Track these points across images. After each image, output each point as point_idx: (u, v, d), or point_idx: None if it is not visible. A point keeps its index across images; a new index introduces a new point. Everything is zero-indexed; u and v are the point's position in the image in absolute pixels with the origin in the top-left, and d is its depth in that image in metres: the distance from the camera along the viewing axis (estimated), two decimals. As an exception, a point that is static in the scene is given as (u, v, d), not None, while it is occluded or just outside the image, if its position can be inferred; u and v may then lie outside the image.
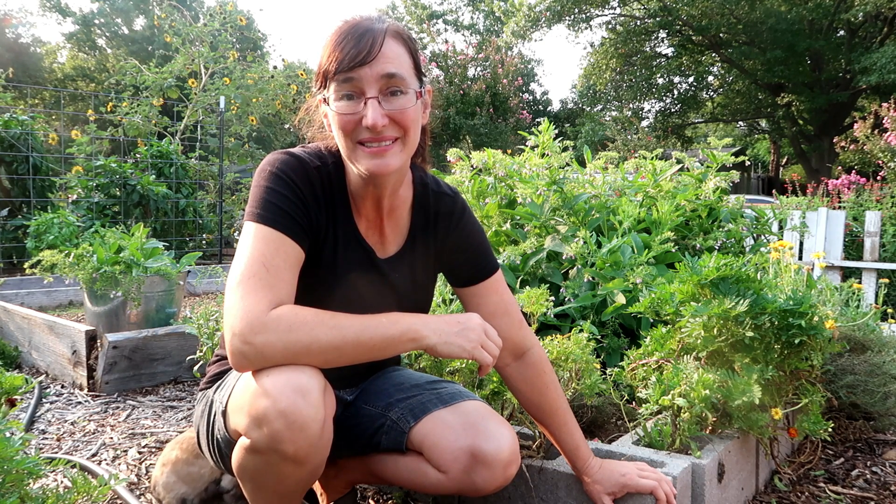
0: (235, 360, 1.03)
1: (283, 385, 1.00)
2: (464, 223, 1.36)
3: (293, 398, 0.99)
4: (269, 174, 1.16)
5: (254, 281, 1.05)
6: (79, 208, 5.96)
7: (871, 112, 8.25)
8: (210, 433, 1.24)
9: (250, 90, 8.63)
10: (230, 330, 1.03)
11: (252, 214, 1.13)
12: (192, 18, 9.50)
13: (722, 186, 2.80)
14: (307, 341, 1.02)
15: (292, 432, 1.00)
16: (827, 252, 4.79)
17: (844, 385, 1.96)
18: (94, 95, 9.46)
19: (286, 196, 1.14)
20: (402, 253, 1.31)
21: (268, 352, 1.01)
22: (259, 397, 1.00)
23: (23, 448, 0.97)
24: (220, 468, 1.30)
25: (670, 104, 24.98)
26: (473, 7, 32.08)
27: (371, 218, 1.27)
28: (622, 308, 2.10)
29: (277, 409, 0.99)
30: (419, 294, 1.36)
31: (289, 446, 1.01)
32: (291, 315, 1.03)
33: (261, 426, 1.00)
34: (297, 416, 0.99)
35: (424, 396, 1.31)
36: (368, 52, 1.09)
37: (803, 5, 18.99)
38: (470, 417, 1.24)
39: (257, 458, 1.05)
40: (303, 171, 1.18)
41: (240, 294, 1.04)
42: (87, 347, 2.59)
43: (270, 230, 1.11)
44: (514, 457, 1.22)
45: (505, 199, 2.90)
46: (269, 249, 1.09)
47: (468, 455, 1.20)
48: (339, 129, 1.14)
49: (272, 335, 1.01)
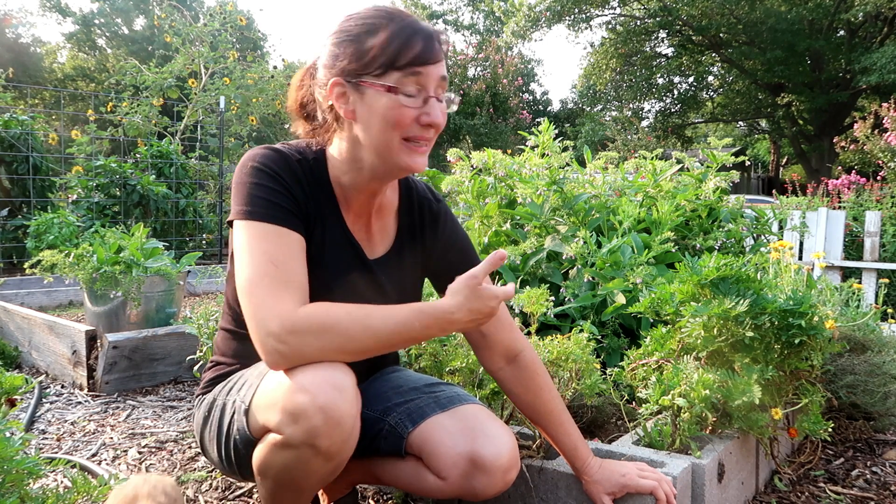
0: (272, 358, 1.04)
1: (322, 381, 1.01)
2: (449, 226, 1.37)
3: (332, 394, 1.01)
4: (251, 169, 1.15)
5: (268, 280, 1.06)
6: (79, 208, 5.96)
7: (871, 112, 8.25)
8: (223, 435, 1.22)
9: (250, 90, 8.63)
10: (263, 331, 1.03)
11: (242, 213, 1.12)
12: (192, 18, 9.50)
13: (722, 186, 2.80)
14: (341, 343, 1.04)
15: (329, 427, 1.01)
16: (827, 252, 4.79)
17: (844, 385, 1.96)
18: (94, 95, 9.46)
19: (272, 188, 1.13)
20: (389, 256, 1.31)
21: (306, 351, 1.02)
22: (296, 393, 1.01)
23: (23, 448, 0.97)
24: (227, 470, 1.28)
25: (670, 104, 24.98)
26: (473, 7, 32.09)
27: (359, 213, 1.26)
28: (622, 308, 2.10)
29: (317, 405, 1.00)
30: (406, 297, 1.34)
31: (324, 441, 1.02)
32: (324, 315, 1.04)
33: (297, 421, 1.01)
34: (335, 412, 1.01)
35: (422, 401, 1.30)
36: (437, 51, 1.12)
37: (803, 5, 18.99)
38: (468, 422, 1.23)
39: (287, 454, 1.05)
40: (284, 162, 1.17)
41: (260, 296, 1.05)
42: (87, 347, 2.59)
43: (266, 225, 1.11)
44: (514, 461, 1.22)
45: (505, 199, 2.90)
46: (272, 245, 1.09)
47: (467, 461, 1.19)
48: (389, 121, 1.11)
49: (308, 336, 1.02)
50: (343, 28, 1.16)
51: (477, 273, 1.07)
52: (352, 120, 1.15)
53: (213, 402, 1.28)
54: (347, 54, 1.13)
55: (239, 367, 1.29)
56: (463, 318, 1.06)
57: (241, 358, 1.29)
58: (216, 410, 1.25)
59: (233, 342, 1.32)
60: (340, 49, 1.14)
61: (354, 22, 1.15)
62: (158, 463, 1.89)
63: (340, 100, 1.14)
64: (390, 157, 1.14)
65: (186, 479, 1.76)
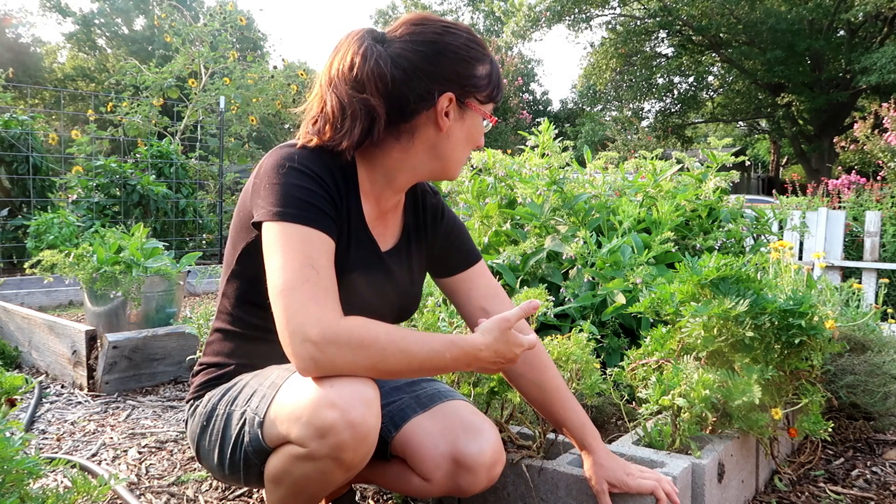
0: (304, 365, 1.02)
1: (351, 396, 1.01)
2: (447, 214, 1.43)
3: (361, 409, 1.01)
4: (289, 169, 1.12)
5: (309, 286, 1.04)
6: (79, 208, 5.96)
7: (871, 112, 8.25)
8: (229, 444, 1.19)
9: (250, 90, 8.63)
10: (300, 336, 1.01)
11: (278, 214, 1.08)
12: (192, 18, 9.50)
13: (722, 186, 2.80)
14: (375, 362, 1.03)
15: (356, 442, 1.02)
16: (827, 252, 4.79)
17: (844, 385, 1.96)
18: (94, 95, 9.46)
19: (313, 190, 1.11)
20: (399, 247, 1.32)
21: (339, 363, 1.02)
22: (326, 408, 1.00)
23: (23, 448, 0.97)
24: (227, 478, 1.25)
25: (670, 104, 24.98)
26: (473, 7, 32.09)
27: (381, 210, 1.28)
28: (622, 308, 2.10)
29: (346, 420, 1.00)
30: (416, 287, 1.37)
31: (349, 454, 1.02)
32: (364, 331, 1.03)
33: (325, 436, 1.01)
34: (363, 427, 1.01)
35: (404, 401, 1.30)
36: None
37: (803, 5, 18.99)
38: (449, 420, 1.23)
39: (308, 466, 1.05)
40: (320, 162, 1.16)
41: (301, 300, 1.02)
42: (87, 347, 2.59)
43: (306, 228, 1.08)
44: (497, 457, 1.21)
45: (505, 199, 2.90)
46: (313, 249, 1.07)
47: (449, 461, 1.19)
48: (472, 141, 1.24)
49: (345, 349, 1.01)
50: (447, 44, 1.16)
51: (509, 317, 1.11)
52: (439, 132, 1.19)
53: (212, 411, 1.24)
54: (458, 73, 1.17)
55: (234, 368, 1.27)
56: (488, 357, 1.09)
57: (241, 359, 1.27)
58: (217, 420, 1.22)
59: (230, 343, 1.29)
60: (447, 66, 1.15)
61: (456, 41, 1.17)
62: (158, 463, 1.89)
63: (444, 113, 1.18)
64: (456, 168, 1.25)
65: (186, 479, 1.76)
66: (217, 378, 1.28)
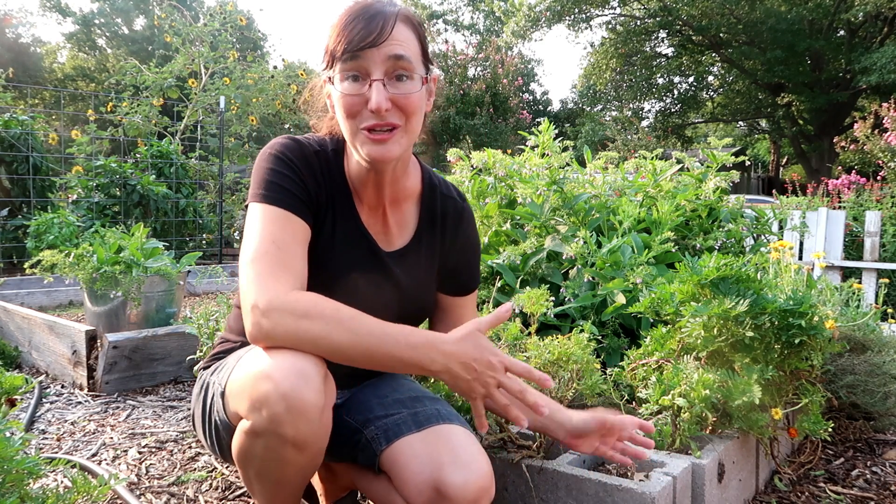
0: (254, 330, 1.05)
1: (287, 369, 1.00)
2: (468, 228, 1.38)
3: (295, 382, 0.99)
4: (269, 156, 1.19)
5: (267, 258, 1.08)
6: (79, 208, 5.96)
7: (871, 112, 8.25)
8: (207, 417, 1.23)
9: (250, 90, 8.63)
10: (251, 302, 1.05)
11: (256, 196, 1.16)
12: (192, 18, 9.50)
13: (722, 186, 2.80)
14: (318, 334, 1.02)
15: (292, 415, 0.99)
16: (827, 252, 4.79)
17: (844, 385, 1.96)
18: (94, 95, 9.46)
19: (286, 175, 1.16)
20: (408, 248, 1.30)
21: (279, 332, 1.02)
22: (261, 380, 1.01)
23: (23, 448, 0.97)
24: (216, 454, 1.29)
25: (670, 104, 25.00)
26: (473, 7, 32.10)
27: (373, 206, 1.26)
28: (622, 308, 2.10)
29: (279, 392, 0.99)
30: (424, 293, 1.34)
31: (289, 429, 1.00)
32: (310, 303, 1.04)
33: (261, 409, 1.00)
34: (298, 400, 0.99)
35: (401, 416, 1.23)
36: (379, 33, 1.09)
37: (803, 5, 19.00)
38: (439, 445, 1.14)
39: (258, 442, 1.05)
40: (300, 152, 1.20)
41: (256, 271, 1.07)
42: (87, 347, 2.59)
43: (275, 209, 1.13)
44: (483, 492, 1.10)
45: (505, 199, 2.90)
46: (277, 227, 1.12)
47: (431, 489, 1.11)
48: (342, 111, 1.13)
49: (288, 317, 1.02)
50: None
51: (481, 321, 1.09)
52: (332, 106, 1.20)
53: (203, 379, 1.30)
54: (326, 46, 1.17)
55: (240, 344, 1.31)
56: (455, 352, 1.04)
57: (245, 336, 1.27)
58: (204, 389, 1.27)
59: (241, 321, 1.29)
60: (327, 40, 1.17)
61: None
62: (158, 463, 1.89)
63: (328, 96, 1.20)
64: (357, 147, 1.15)
65: (186, 479, 1.76)
66: (225, 352, 1.33)
